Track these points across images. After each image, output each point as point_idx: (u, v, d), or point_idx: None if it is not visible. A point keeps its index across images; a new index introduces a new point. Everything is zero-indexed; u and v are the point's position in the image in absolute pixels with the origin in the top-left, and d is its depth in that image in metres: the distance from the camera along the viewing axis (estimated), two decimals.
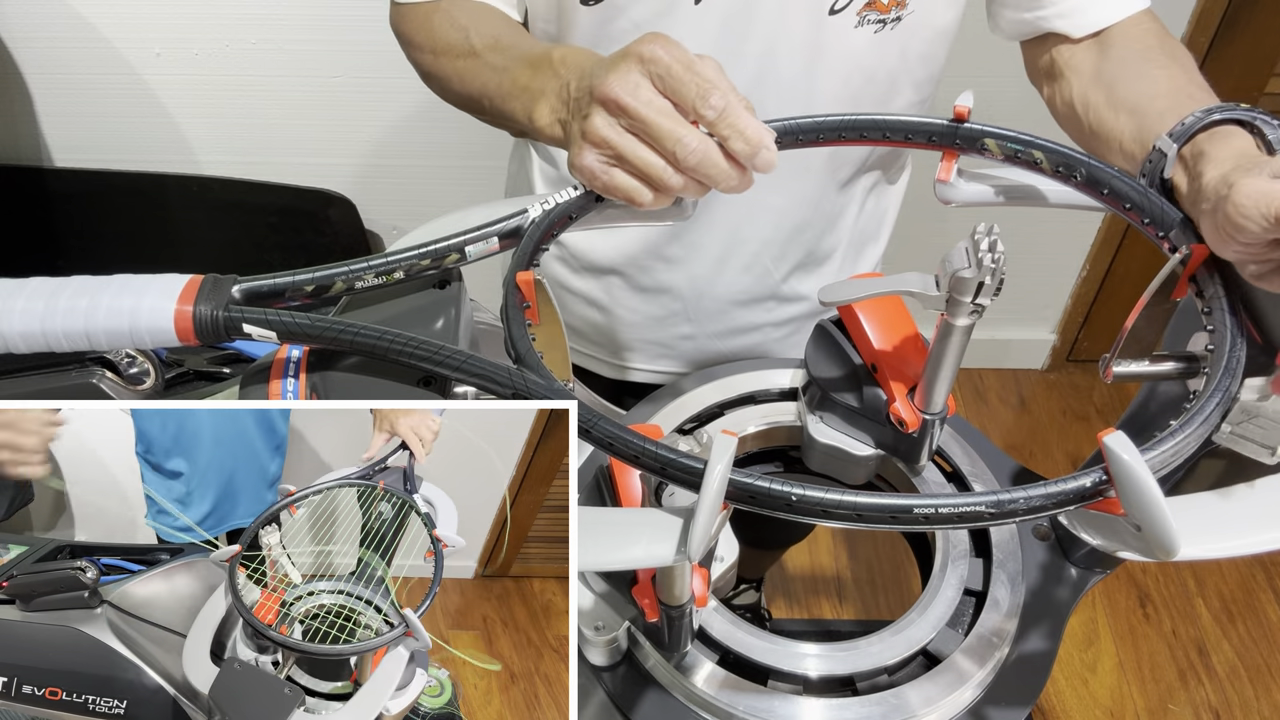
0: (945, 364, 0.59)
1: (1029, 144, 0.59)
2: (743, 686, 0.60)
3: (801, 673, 0.60)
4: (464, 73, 0.73)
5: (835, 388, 0.67)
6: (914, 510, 0.42)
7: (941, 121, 0.61)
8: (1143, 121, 0.66)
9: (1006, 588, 0.65)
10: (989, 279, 0.51)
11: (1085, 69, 0.75)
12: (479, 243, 0.56)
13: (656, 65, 0.54)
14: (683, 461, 0.44)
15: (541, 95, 0.63)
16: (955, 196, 0.63)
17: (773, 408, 0.76)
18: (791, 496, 0.43)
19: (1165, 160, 0.58)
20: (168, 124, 1.74)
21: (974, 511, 0.42)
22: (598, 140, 0.55)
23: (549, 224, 0.57)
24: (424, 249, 0.55)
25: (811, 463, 0.72)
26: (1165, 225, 0.56)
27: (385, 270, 0.54)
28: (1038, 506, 0.42)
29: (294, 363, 0.54)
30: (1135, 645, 1.76)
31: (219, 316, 0.52)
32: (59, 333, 0.50)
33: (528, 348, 0.51)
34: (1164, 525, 0.41)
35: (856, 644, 0.61)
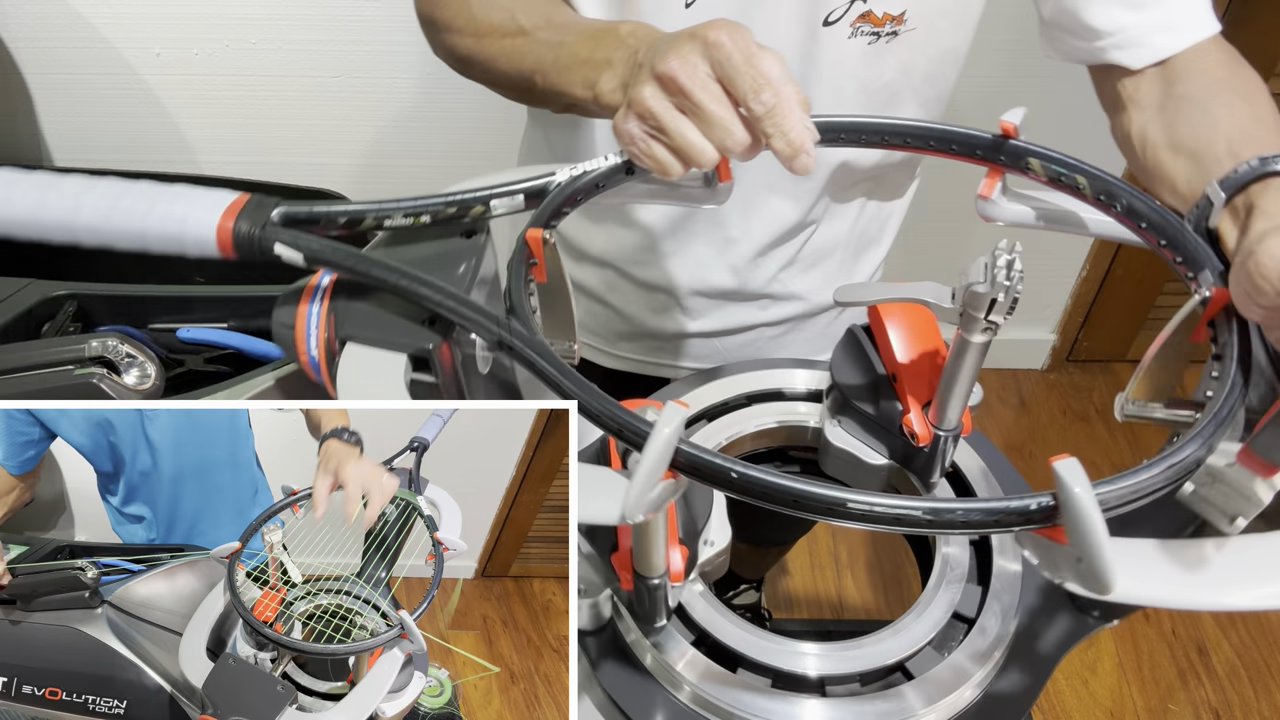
0: (959, 380, 0.58)
1: (1073, 168, 0.58)
2: (742, 686, 0.60)
3: (801, 672, 0.60)
4: (512, 52, 0.72)
5: (855, 394, 0.67)
6: (848, 505, 0.42)
7: (987, 135, 0.60)
8: (1200, 165, 0.63)
9: (997, 619, 0.63)
10: (1002, 296, 0.51)
11: (1148, 103, 0.72)
12: (505, 198, 0.58)
13: (718, 51, 0.54)
14: (633, 424, 0.44)
15: (607, 65, 0.63)
16: (995, 214, 0.62)
17: (774, 407, 0.76)
18: (732, 473, 0.43)
19: (1213, 208, 0.56)
20: (168, 124, 1.74)
21: (910, 516, 0.42)
22: (644, 111, 0.56)
23: (575, 189, 0.58)
24: (451, 197, 0.57)
25: (827, 467, 0.72)
26: (1196, 266, 0.54)
27: (413, 212, 0.57)
28: (976, 522, 0.42)
29: (321, 289, 0.57)
30: (1135, 645, 1.76)
31: (255, 234, 0.56)
32: (120, 231, 0.56)
33: (521, 300, 0.52)
34: (1102, 560, 0.40)
35: (856, 644, 0.62)
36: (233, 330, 0.91)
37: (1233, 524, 0.44)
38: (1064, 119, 1.80)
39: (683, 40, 0.56)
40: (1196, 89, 0.69)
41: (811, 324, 1.02)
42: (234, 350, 0.89)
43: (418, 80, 1.66)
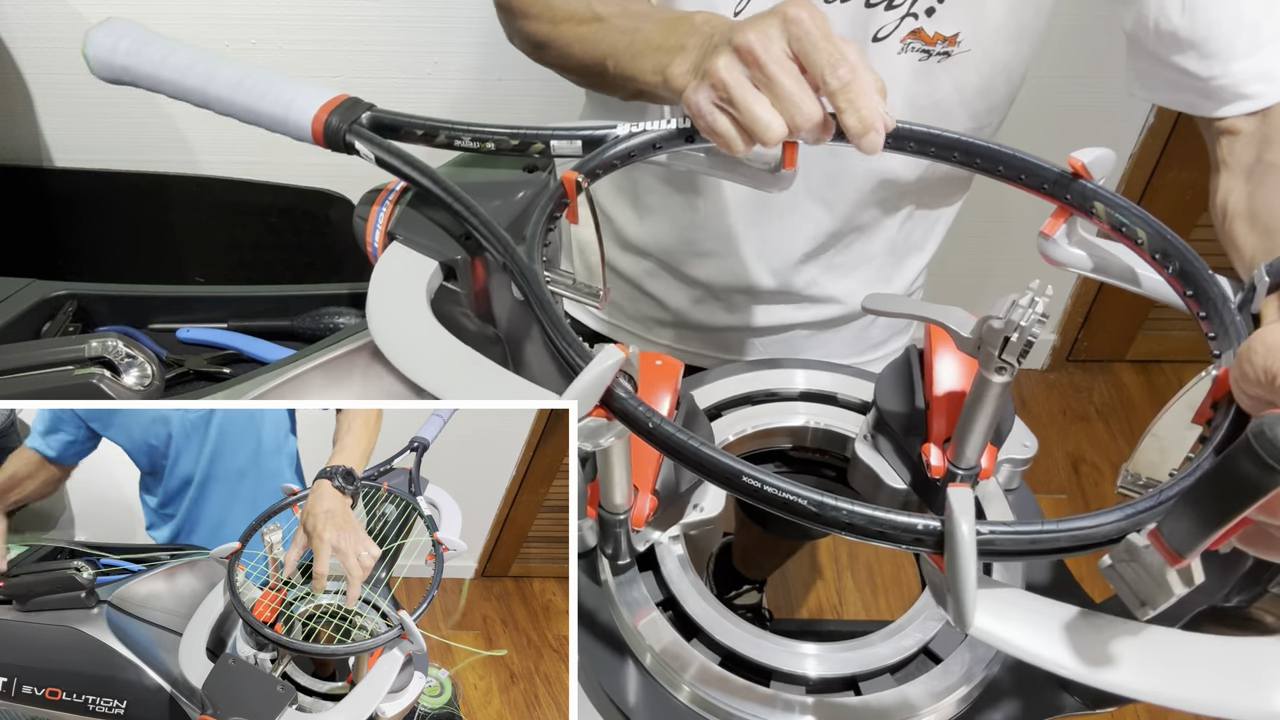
0: (977, 419, 0.57)
1: (1136, 218, 0.56)
2: (742, 686, 0.60)
3: (801, 673, 0.60)
4: (586, 38, 0.73)
5: (890, 415, 0.67)
6: (742, 478, 0.42)
7: (1056, 170, 0.58)
8: (1273, 243, 0.61)
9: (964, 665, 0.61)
10: (1015, 336, 0.50)
11: (1239, 168, 0.69)
12: (564, 140, 0.62)
13: (797, 26, 0.55)
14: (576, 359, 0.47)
15: (680, 50, 0.63)
16: (1055, 254, 0.61)
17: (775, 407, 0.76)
18: (649, 423, 0.45)
19: (1255, 294, 0.52)
20: (168, 124, 1.74)
21: (795, 502, 0.42)
22: (717, 81, 0.56)
23: (631, 146, 0.61)
24: (515, 130, 0.62)
25: (854, 481, 0.72)
26: (1225, 344, 0.52)
27: (480, 138, 0.63)
28: (859, 526, 0.41)
29: (393, 193, 0.64)
30: None
31: (343, 129, 0.65)
32: (242, 105, 0.66)
33: (537, 232, 0.56)
34: (963, 596, 0.40)
35: (857, 644, 0.62)
36: (233, 330, 0.91)
37: (1141, 609, 0.40)
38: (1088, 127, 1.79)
39: (762, 16, 0.57)
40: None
41: (849, 326, 1.03)
42: (234, 350, 0.89)
43: (418, 80, 1.66)
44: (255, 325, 0.91)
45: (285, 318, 0.91)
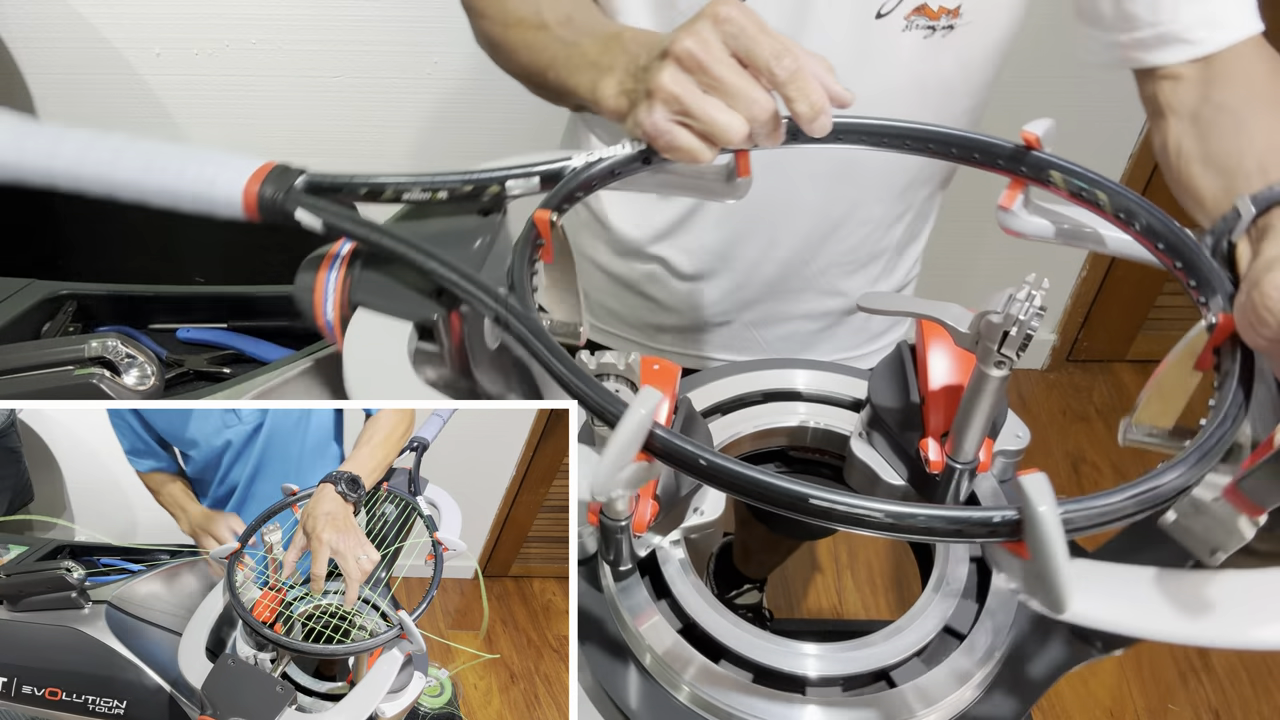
0: (975, 414, 0.58)
1: (1095, 183, 0.57)
2: (741, 686, 0.60)
3: (801, 673, 0.60)
4: (533, 44, 0.74)
5: (886, 412, 0.67)
6: (810, 500, 0.42)
7: (1009, 145, 0.59)
8: (1230, 182, 0.62)
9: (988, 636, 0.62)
10: (1014, 330, 0.50)
11: (1184, 110, 0.71)
12: (520, 179, 0.59)
13: (730, 25, 0.55)
14: (610, 407, 0.45)
15: (610, 70, 0.64)
16: (1015, 226, 0.62)
17: (774, 407, 0.76)
18: (701, 460, 0.43)
19: (1240, 221, 0.54)
20: (168, 124, 1.74)
21: (871, 517, 0.41)
22: (667, 96, 0.56)
23: (591, 175, 0.59)
24: (468, 175, 0.58)
25: (850, 479, 0.72)
26: (1209, 290, 0.52)
27: (431, 188, 0.59)
28: (936, 529, 0.41)
29: (340, 257, 0.59)
30: (1135, 645, 1.76)
31: (279, 198, 0.59)
32: (156, 188, 0.60)
33: (523, 278, 0.54)
34: (1059, 579, 0.40)
35: (857, 644, 0.61)
36: (233, 330, 0.91)
37: (1212, 556, 0.43)
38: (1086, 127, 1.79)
39: (692, 22, 0.57)
40: (1234, 98, 0.68)
41: (853, 319, 1.03)
42: (234, 350, 0.89)
43: (418, 80, 1.66)
44: (255, 325, 0.91)
45: (285, 318, 0.91)
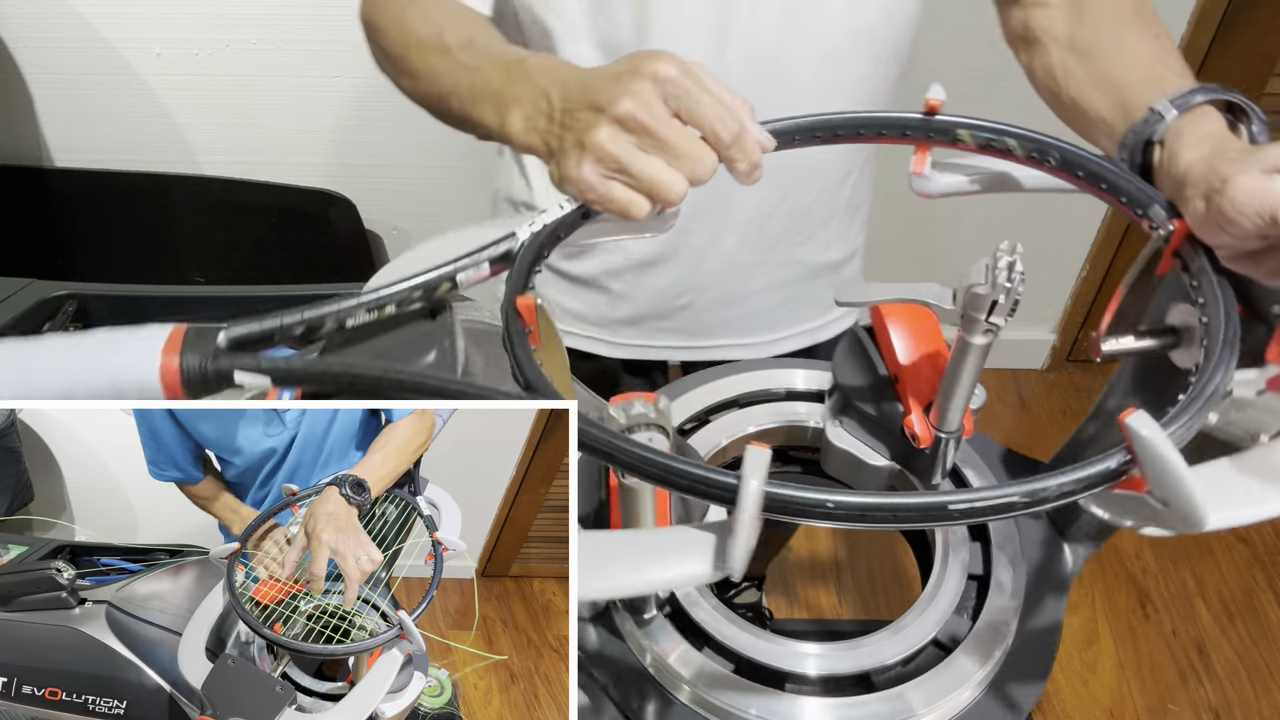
0: (960, 382, 0.59)
1: (1001, 132, 0.60)
2: (742, 686, 0.60)
3: (802, 672, 0.60)
4: (436, 69, 0.72)
5: (857, 395, 0.67)
6: (948, 507, 0.42)
7: (915, 115, 0.61)
8: (1123, 95, 0.66)
9: (1009, 569, 0.65)
10: (1003, 298, 0.51)
11: (1061, 34, 0.74)
12: (470, 270, 0.55)
13: (674, 85, 0.55)
14: (714, 479, 0.43)
15: (515, 102, 0.62)
16: (931, 188, 0.64)
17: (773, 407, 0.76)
18: (828, 503, 0.42)
19: (1162, 123, 0.59)
20: (168, 124, 1.74)
21: (1008, 502, 0.42)
22: (603, 154, 0.55)
23: (539, 245, 0.56)
24: (416, 281, 0.53)
25: (828, 468, 0.72)
26: (1142, 203, 0.56)
27: (377, 305, 0.53)
28: (1069, 491, 0.43)
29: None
30: (1135, 645, 1.76)
31: (208, 367, 0.49)
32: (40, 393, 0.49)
33: (535, 373, 0.49)
34: (1190, 498, 0.41)
35: (857, 643, 0.62)
36: None
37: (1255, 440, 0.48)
38: None
39: (626, 78, 0.55)
40: (1104, 20, 0.72)
41: (813, 289, 1.04)
42: None
43: None
44: None
45: None
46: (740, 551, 0.43)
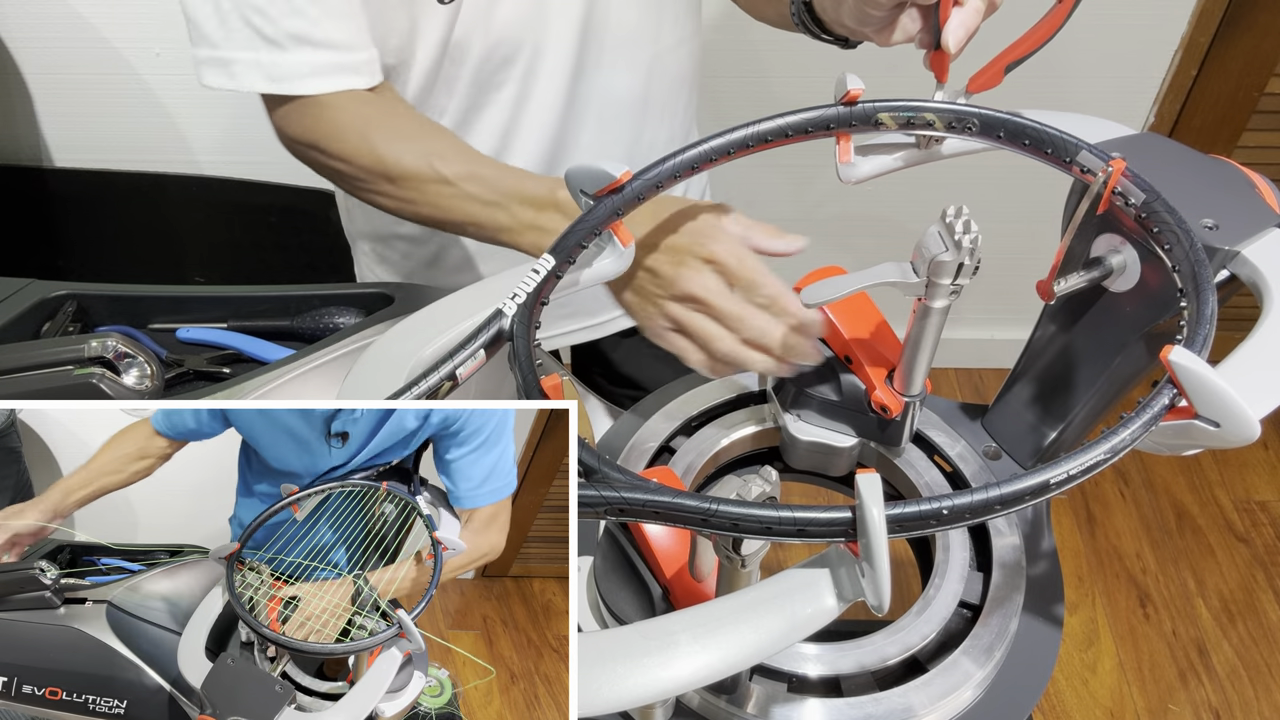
0: (924, 346, 0.60)
1: (920, 109, 0.62)
2: (741, 684, 0.60)
3: (802, 673, 0.60)
4: (437, 199, 0.76)
5: (812, 384, 0.68)
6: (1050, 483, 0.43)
7: (835, 108, 0.63)
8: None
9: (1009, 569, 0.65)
10: (968, 259, 0.53)
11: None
12: (467, 362, 0.57)
13: (722, 266, 0.64)
14: (825, 518, 0.43)
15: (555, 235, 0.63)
16: (858, 174, 0.66)
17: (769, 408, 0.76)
18: (943, 510, 0.42)
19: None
20: (168, 124, 1.74)
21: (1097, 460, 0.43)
22: (671, 316, 0.67)
23: (522, 317, 0.57)
24: (418, 391, 0.56)
25: (794, 461, 0.72)
26: (1069, 151, 0.58)
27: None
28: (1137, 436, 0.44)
29: None
30: (1135, 645, 1.76)
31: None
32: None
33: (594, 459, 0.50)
34: (1242, 415, 0.43)
35: (858, 643, 0.62)
36: (233, 330, 0.91)
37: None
38: None
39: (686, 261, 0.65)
40: None
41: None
42: (234, 350, 0.89)
43: None
44: (255, 325, 0.91)
45: (285, 318, 0.91)
46: (884, 585, 0.43)
